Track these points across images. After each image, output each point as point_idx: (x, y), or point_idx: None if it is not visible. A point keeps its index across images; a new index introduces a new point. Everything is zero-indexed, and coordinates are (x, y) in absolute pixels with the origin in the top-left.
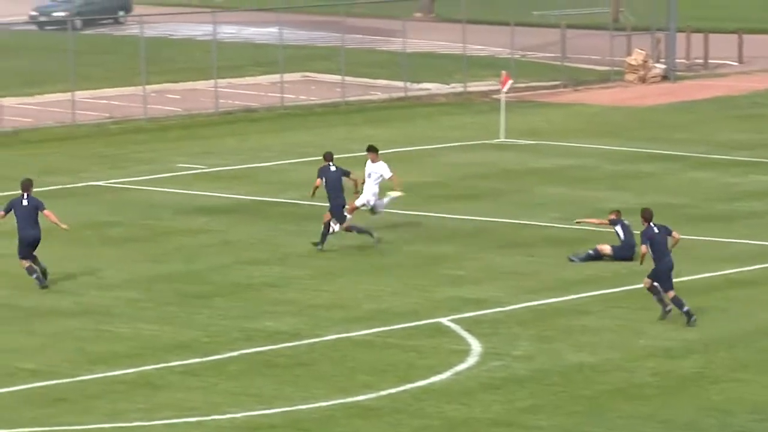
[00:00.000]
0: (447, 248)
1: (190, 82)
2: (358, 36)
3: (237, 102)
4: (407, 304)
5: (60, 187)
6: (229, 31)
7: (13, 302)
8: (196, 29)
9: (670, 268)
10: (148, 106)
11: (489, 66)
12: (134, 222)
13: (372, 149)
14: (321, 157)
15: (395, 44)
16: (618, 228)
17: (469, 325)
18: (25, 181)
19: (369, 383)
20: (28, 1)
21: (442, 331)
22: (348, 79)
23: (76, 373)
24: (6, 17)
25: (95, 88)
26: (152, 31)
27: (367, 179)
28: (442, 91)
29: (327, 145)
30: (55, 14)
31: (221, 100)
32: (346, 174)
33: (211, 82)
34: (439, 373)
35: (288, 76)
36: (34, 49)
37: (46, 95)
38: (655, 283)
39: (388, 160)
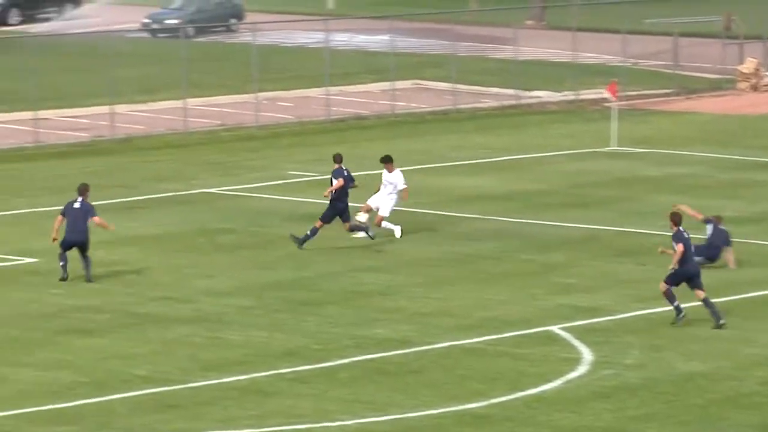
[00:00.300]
0: (557, 256)
1: (302, 90)
2: (469, 44)
3: (348, 109)
4: (518, 312)
5: (172, 194)
6: (341, 39)
7: (128, 309)
8: (308, 37)
9: (697, 271)
10: (260, 113)
11: (600, 74)
12: (245, 229)
13: (387, 159)
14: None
15: (506, 52)
16: (709, 227)
17: (580, 333)
18: (81, 186)
19: (480, 391)
20: (141, 9)
21: (552, 339)
22: (459, 86)
23: (188, 380)
24: (119, 25)
25: (207, 96)
26: (264, 38)
27: (382, 188)
28: (553, 98)
29: (436, 152)
30: (167, 22)
31: (332, 108)
32: (352, 180)
33: (323, 89)
34: (550, 381)
35: (399, 84)
36: (146, 57)
37: (159, 102)
38: (671, 287)
39: (499, 167)
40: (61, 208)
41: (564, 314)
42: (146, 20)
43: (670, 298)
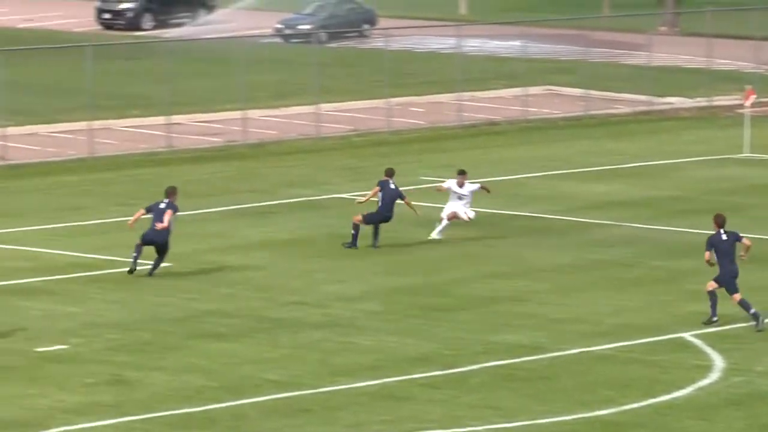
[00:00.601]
0: (689, 263)
1: (434, 95)
2: (601, 49)
3: (480, 115)
4: (649, 318)
5: (303, 199)
6: (473, 44)
7: (260, 314)
8: (440, 42)
9: (735, 274)
10: (392, 118)
11: (734, 80)
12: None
13: (462, 173)
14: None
15: (639, 58)
16: None
17: (712, 340)
18: (169, 188)
19: (611, 398)
20: (274, 15)
21: (684, 346)
22: (591, 92)
23: (319, 384)
24: (252, 30)
25: (339, 101)
26: (396, 44)
27: (455, 201)
28: (686, 105)
29: (568, 158)
30: (300, 27)
31: (464, 113)
32: (402, 196)
33: (455, 95)
34: (681, 388)
35: (531, 90)
36: (279, 62)
37: (291, 108)
38: (716, 289)
39: (631, 174)
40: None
41: (695, 321)
42: (279, 26)
43: (712, 298)
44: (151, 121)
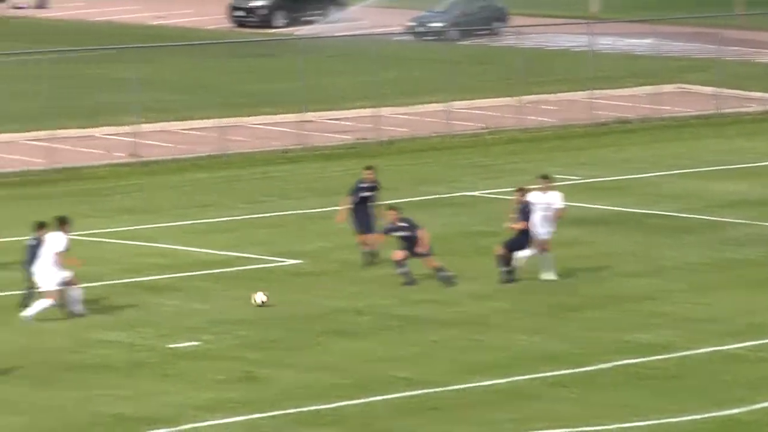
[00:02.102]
0: None
1: (565, 93)
2: (734, 48)
3: (612, 113)
4: None
5: (435, 196)
6: (605, 42)
7: (390, 311)
8: (572, 40)
9: None
10: (523, 116)
11: None
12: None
13: (546, 177)
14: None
15: None
16: None
17: None
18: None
19: (743, 397)
20: (406, 12)
21: None
22: (723, 90)
23: (450, 382)
24: (384, 28)
25: (471, 99)
26: (528, 42)
27: (537, 212)
28: None
29: (700, 156)
30: (432, 25)
31: (596, 111)
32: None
33: (587, 92)
34: None
35: (663, 88)
36: (411, 60)
37: (423, 105)
38: None
39: (764, 173)
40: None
41: None
42: (411, 23)
43: None
44: (282, 119)
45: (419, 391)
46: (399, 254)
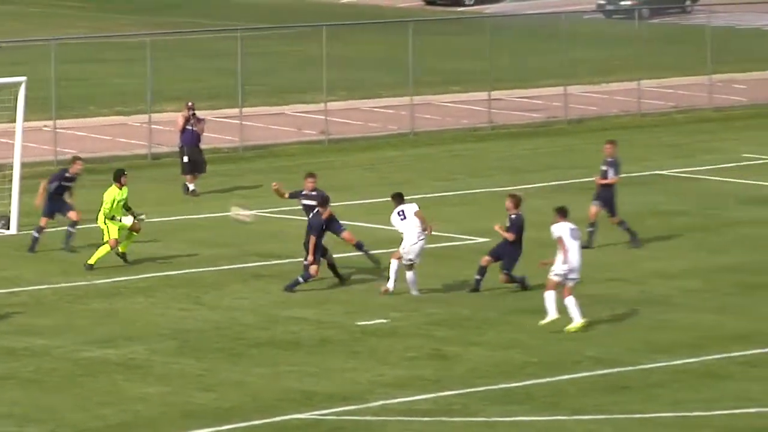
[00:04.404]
0: None
1: (757, 72)
2: None
3: None
4: None
5: (624, 175)
6: None
7: (579, 290)
8: (764, 19)
9: None
10: (714, 95)
11: None
12: (698, 211)
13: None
14: None
15: None
16: None
17: None
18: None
19: None
20: None
21: None
22: None
23: (638, 362)
24: (574, 6)
25: (661, 78)
26: (719, 20)
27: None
28: None
29: None
30: (622, 3)
31: None
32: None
33: None
34: None
35: None
36: (601, 38)
37: (612, 84)
38: None
39: None
40: None
41: None
42: (601, 1)
43: None
44: (472, 97)
45: (608, 370)
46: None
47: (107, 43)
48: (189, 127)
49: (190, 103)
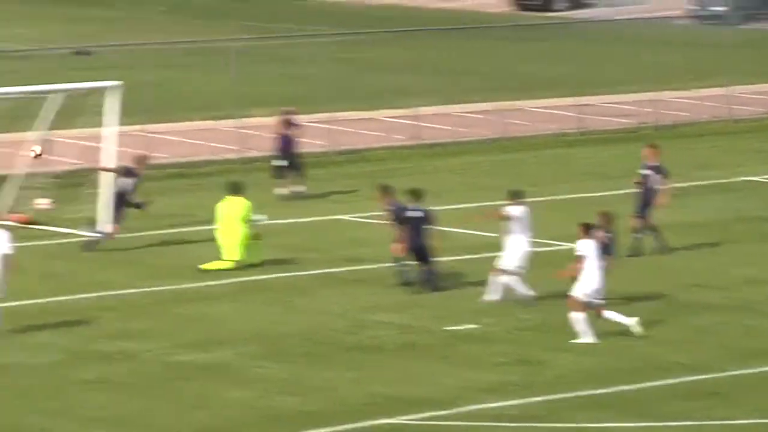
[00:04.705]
0: None
1: None
2: None
3: None
4: None
5: (714, 182)
6: None
7: (663, 296)
8: None
9: None
10: None
11: None
12: None
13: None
14: None
15: None
16: None
17: None
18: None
19: None
20: None
21: None
22: None
23: (726, 368)
24: (665, 11)
25: (753, 83)
26: None
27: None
28: None
29: None
30: (713, 8)
31: None
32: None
33: None
34: None
35: None
36: (691, 44)
37: (703, 90)
38: None
39: None
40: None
41: None
42: (692, 6)
43: None
44: (561, 102)
45: (695, 377)
46: None
47: (191, 49)
48: (285, 132)
49: (287, 109)
